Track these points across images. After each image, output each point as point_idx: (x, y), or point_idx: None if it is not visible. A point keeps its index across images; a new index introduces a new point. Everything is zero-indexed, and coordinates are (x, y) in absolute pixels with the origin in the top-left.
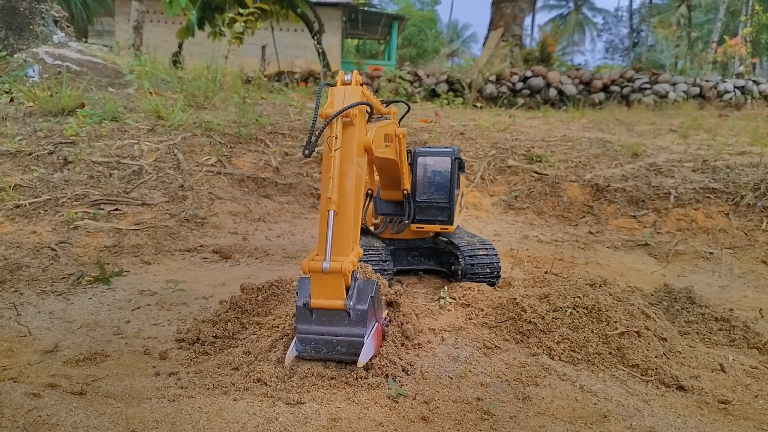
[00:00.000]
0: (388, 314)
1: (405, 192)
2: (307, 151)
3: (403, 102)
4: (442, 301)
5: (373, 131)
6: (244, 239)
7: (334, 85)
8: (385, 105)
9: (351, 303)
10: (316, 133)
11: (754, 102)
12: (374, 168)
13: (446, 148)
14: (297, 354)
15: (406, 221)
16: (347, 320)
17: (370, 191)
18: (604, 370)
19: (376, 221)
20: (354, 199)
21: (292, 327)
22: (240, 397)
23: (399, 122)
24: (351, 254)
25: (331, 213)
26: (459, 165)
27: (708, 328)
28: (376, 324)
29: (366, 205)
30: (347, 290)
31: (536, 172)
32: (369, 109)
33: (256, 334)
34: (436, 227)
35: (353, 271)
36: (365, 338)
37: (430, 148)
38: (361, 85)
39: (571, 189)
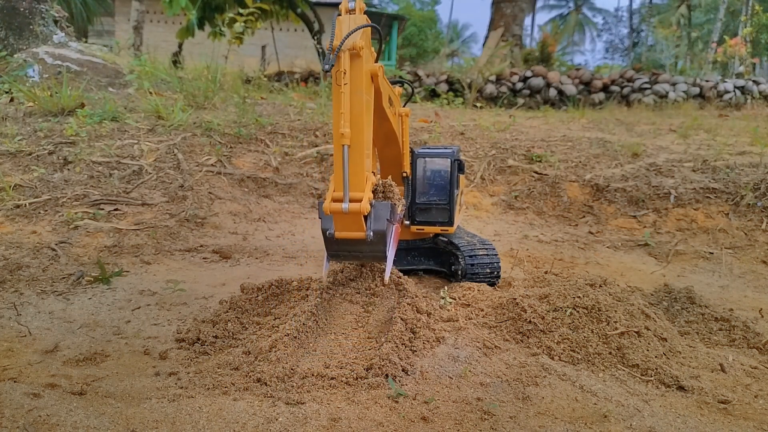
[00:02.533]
0: (402, 206)
1: (405, 174)
2: (327, 66)
3: (407, 82)
4: (442, 301)
5: (380, 64)
6: (244, 239)
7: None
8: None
9: (371, 232)
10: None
11: (754, 102)
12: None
13: (446, 148)
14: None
15: (406, 204)
16: (369, 242)
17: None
18: (604, 370)
19: None
20: (366, 129)
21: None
22: (240, 397)
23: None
24: (366, 188)
25: (346, 148)
26: (459, 166)
27: (708, 328)
28: (394, 227)
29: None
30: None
31: (536, 172)
32: (378, 36)
33: (256, 334)
34: (436, 229)
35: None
36: (387, 252)
37: (430, 148)
38: (364, 13)
39: (571, 189)
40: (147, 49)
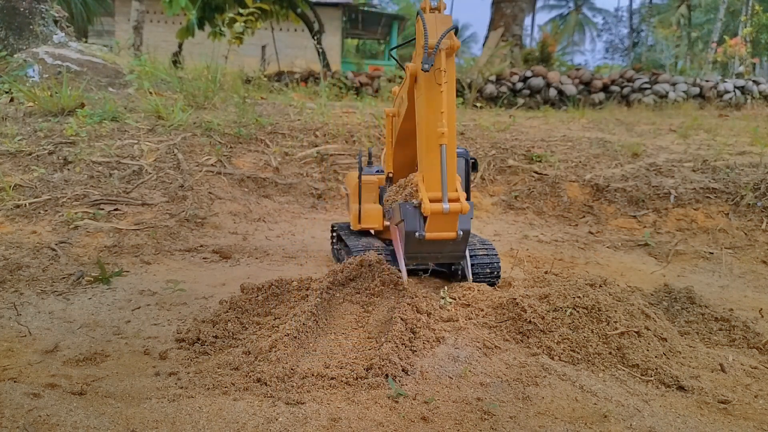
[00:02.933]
0: None
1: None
2: (427, 66)
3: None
4: (442, 301)
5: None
6: (244, 239)
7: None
8: None
9: (460, 232)
10: (432, 50)
11: (754, 102)
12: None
13: (458, 149)
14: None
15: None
16: (453, 242)
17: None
18: (604, 370)
19: (387, 222)
20: (455, 128)
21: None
22: (240, 397)
23: None
24: (459, 187)
25: (444, 147)
26: (473, 165)
27: (708, 328)
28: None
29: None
30: None
31: (536, 172)
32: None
33: (256, 334)
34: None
35: None
36: (466, 251)
37: None
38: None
39: (571, 189)
40: (147, 49)
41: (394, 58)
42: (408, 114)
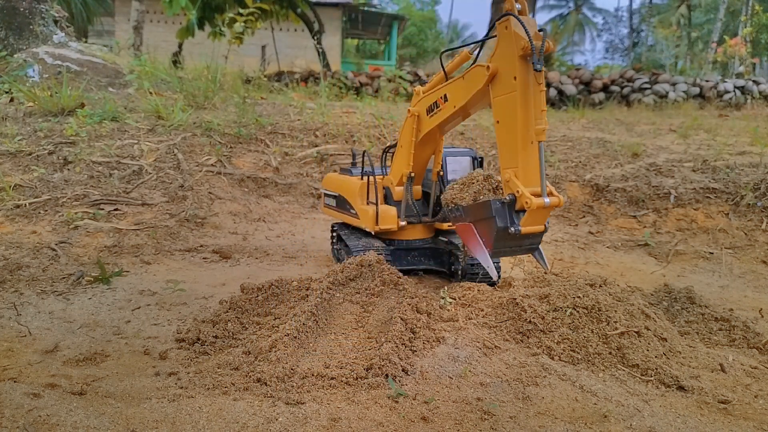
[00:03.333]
0: None
1: (440, 173)
2: (539, 66)
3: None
4: (442, 301)
5: None
6: (244, 239)
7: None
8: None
9: (547, 224)
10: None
11: (754, 102)
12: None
13: (463, 149)
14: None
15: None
16: (534, 235)
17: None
18: (604, 370)
19: (403, 223)
20: None
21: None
22: (240, 397)
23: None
24: (545, 182)
25: (542, 144)
26: (479, 164)
27: (708, 328)
28: None
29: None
30: None
31: None
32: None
33: (256, 334)
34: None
35: None
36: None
37: (449, 148)
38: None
39: (571, 189)
40: (147, 49)
41: (441, 64)
42: (457, 112)
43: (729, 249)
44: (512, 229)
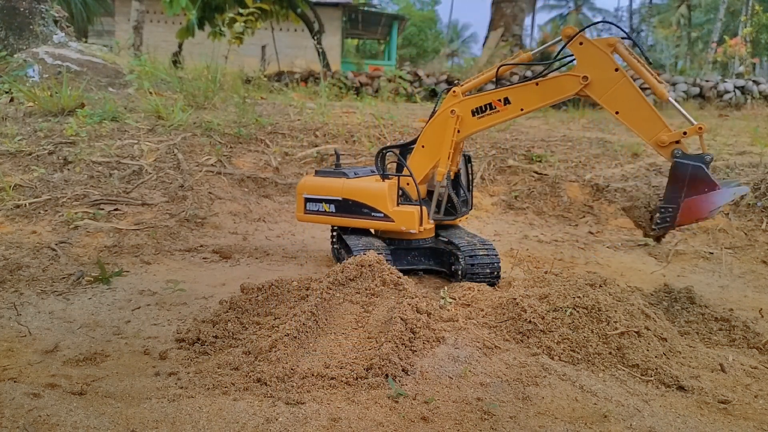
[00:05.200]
0: None
1: (459, 172)
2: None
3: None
4: (442, 301)
5: None
6: (244, 239)
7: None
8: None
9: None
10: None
11: (754, 102)
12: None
13: None
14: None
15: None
16: None
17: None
18: (604, 370)
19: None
20: None
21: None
22: (240, 397)
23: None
24: None
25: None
26: (468, 160)
27: (708, 328)
28: None
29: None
30: None
31: (536, 172)
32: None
33: (256, 334)
34: (466, 216)
35: None
36: None
37: None
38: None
39: (571, 189)
40: (147, 49)
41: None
42: (519, 115)
43: (729, 249)
44: (713, 211)
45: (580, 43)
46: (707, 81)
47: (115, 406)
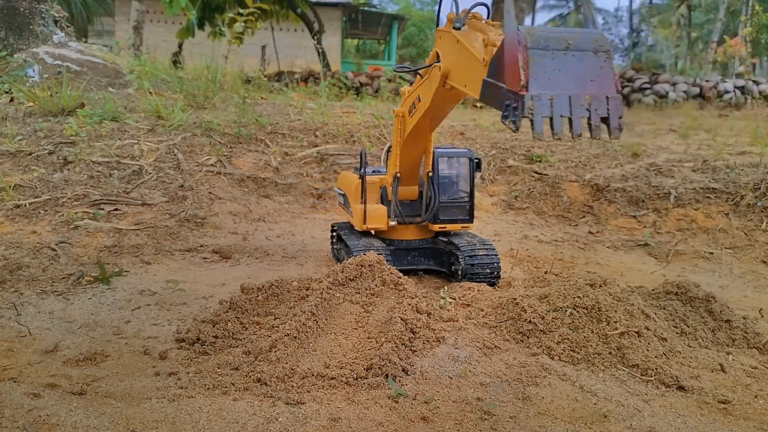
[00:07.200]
0: None
1: (430, 174)
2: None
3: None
4: (442, 301)
5: None
6: (244, 239)
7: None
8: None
9: None
10: None
11: (754, 102)
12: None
13: (461, 149)
14: None
15: (435, 203)
16: None
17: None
18: (604, 370)
19: (393, 223)
20: None
21: None
22: (240, 397)
23: None
24: None
25: None
26: (477, 164)
27: (708, 328)
28: None
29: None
30: None
31: (536, 172)
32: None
33: (256, 334)
34: (458, 226)
35: None
36: None
37: (446, 148)
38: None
39: (571, 189)
40: (147, 49)
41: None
42: (428, 112)
43: (729, 249)
44: None
45: (440, 37)
46: (707, 81)
47: (115, 406)
